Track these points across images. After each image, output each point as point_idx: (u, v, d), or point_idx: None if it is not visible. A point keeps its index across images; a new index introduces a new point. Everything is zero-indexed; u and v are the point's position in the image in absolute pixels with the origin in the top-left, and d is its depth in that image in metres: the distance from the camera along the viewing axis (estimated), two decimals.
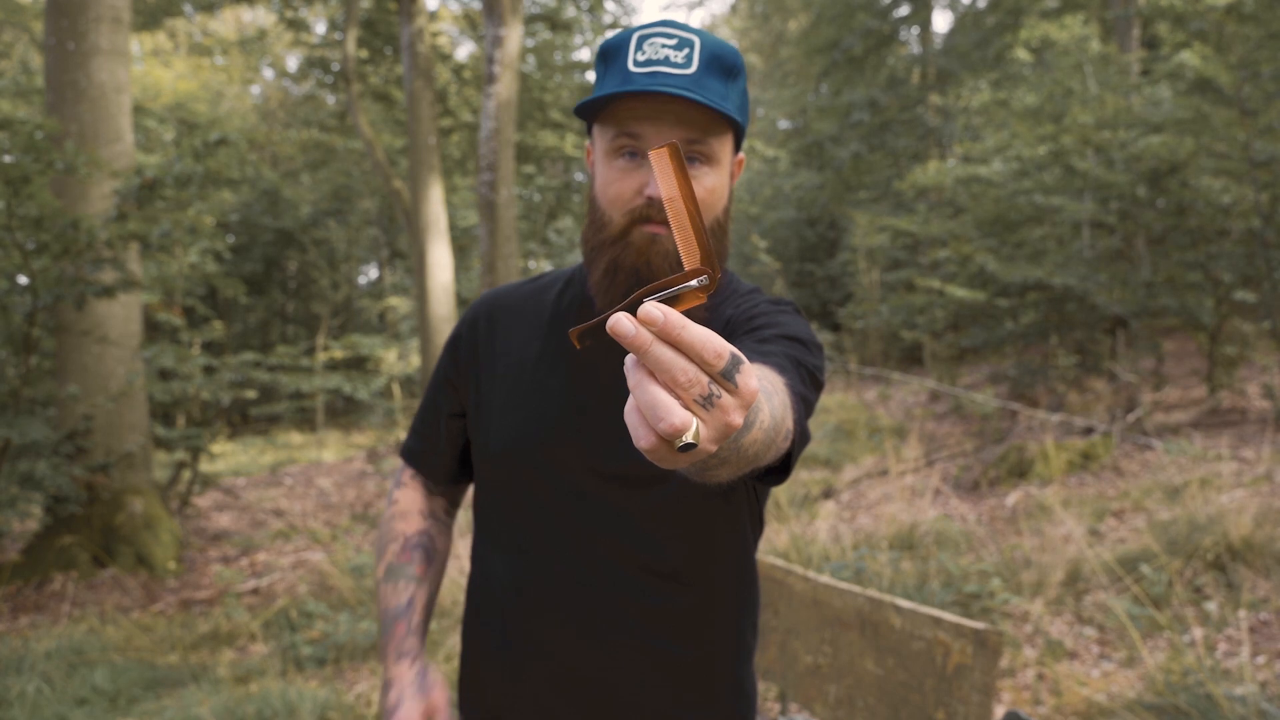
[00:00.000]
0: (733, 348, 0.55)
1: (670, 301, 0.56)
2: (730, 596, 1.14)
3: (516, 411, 1.14)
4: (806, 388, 0.98)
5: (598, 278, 1.10)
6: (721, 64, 1.04)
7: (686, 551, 1.10)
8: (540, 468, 1.12)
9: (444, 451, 1.27)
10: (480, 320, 1.23)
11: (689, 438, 0.52)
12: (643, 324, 0.52)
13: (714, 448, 0.56)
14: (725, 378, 0.54)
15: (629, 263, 1.06)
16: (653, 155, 0.58)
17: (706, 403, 0.53)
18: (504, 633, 1.13)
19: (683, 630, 1.10)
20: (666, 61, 1.01)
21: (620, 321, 0.52)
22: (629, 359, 0.54)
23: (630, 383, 0.54)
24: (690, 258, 0.57)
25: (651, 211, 1.05)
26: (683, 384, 0.52)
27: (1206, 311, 7.23)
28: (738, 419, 0.55)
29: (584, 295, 1.18)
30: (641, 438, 0.53)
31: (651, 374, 0.53)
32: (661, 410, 0.51)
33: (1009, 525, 5.05)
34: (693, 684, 1.10)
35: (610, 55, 1.06)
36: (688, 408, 0.53)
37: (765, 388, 0.73)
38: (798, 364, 0.99)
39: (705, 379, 0.53)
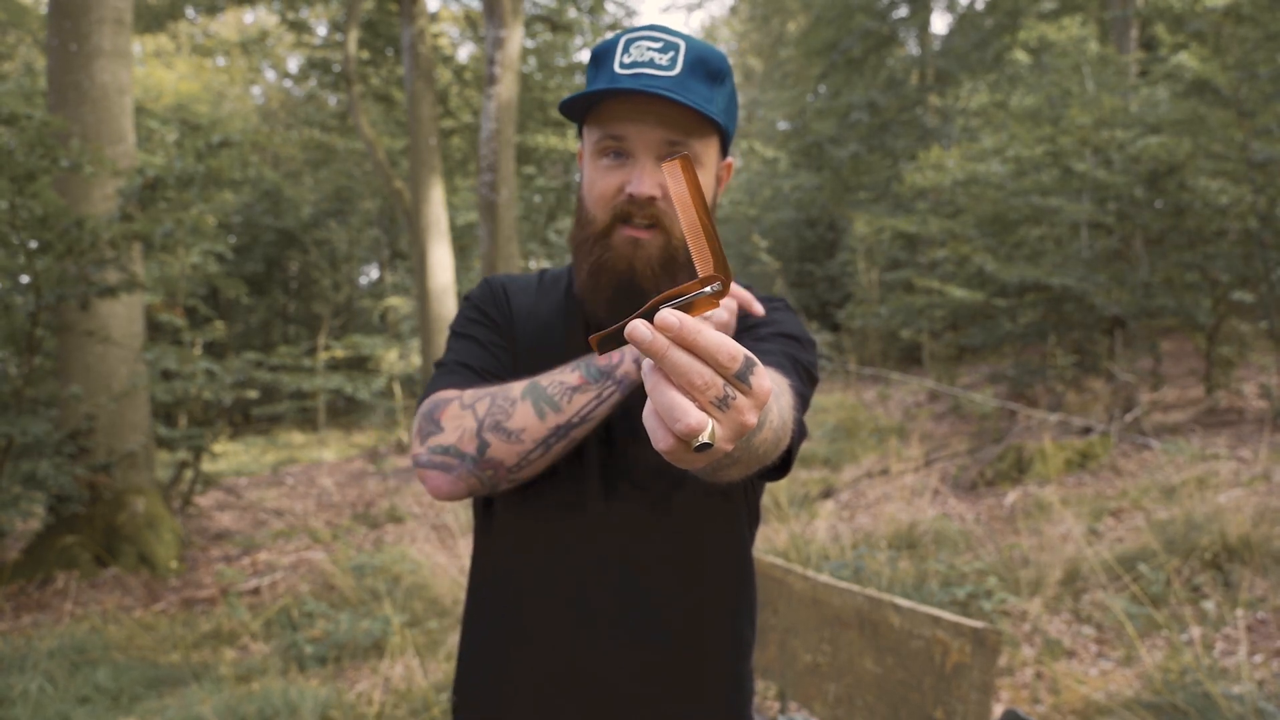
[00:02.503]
0: (746, 351, 0.57)
1: (685, 308, 0.58)
2: (728, 593, 1.15)
3: None
4: (804, 384, 1.01)
5: (584, 279, 1.12)
6: (706, 67, 1.05)
7: (685, 548, 1.11)
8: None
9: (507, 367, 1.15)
10: (502, 291, 1.22)
11: (705, 438, 0.54)
12: (659, 330, 0.54)
13: (730, 447, 0.58)
14: (740, 380, 0.57)
15: (612, 265, 1.07)
16: (666, 167, 0.60)
17: (722, 404, 0.56)
18: (504, 629, 1.13)
19: (681, 626, 1.11)
20: (651, 64, 1.03)
21: (638, 328, 0.54)
22: (646, 363, 0.56)
23: (648, 386, 0.56)
24: (704, 265, 0.59)
25: (632, 209, 1.06)
26: (699, 386, 0.55)
27: (1204, 312, 7.25)
28: (752, 419, 0.58)
29: (575, 297, 1.18)
30: (660, 439, 0.56)
31: (668, 378, 0.55)
32: (678, 412, 0.54)
33: (1007, 525, 5.06)
34: (691, 679, 1.11)
35: (599, 59, 1.08)
36: (704, 409, 0.55)
37: (774, 388, 0.75)
38: (794, 361, 1.02)
39: (720, 381, 0.55)
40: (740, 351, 0.56)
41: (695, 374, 0.54)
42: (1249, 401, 7.03)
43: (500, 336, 1.16)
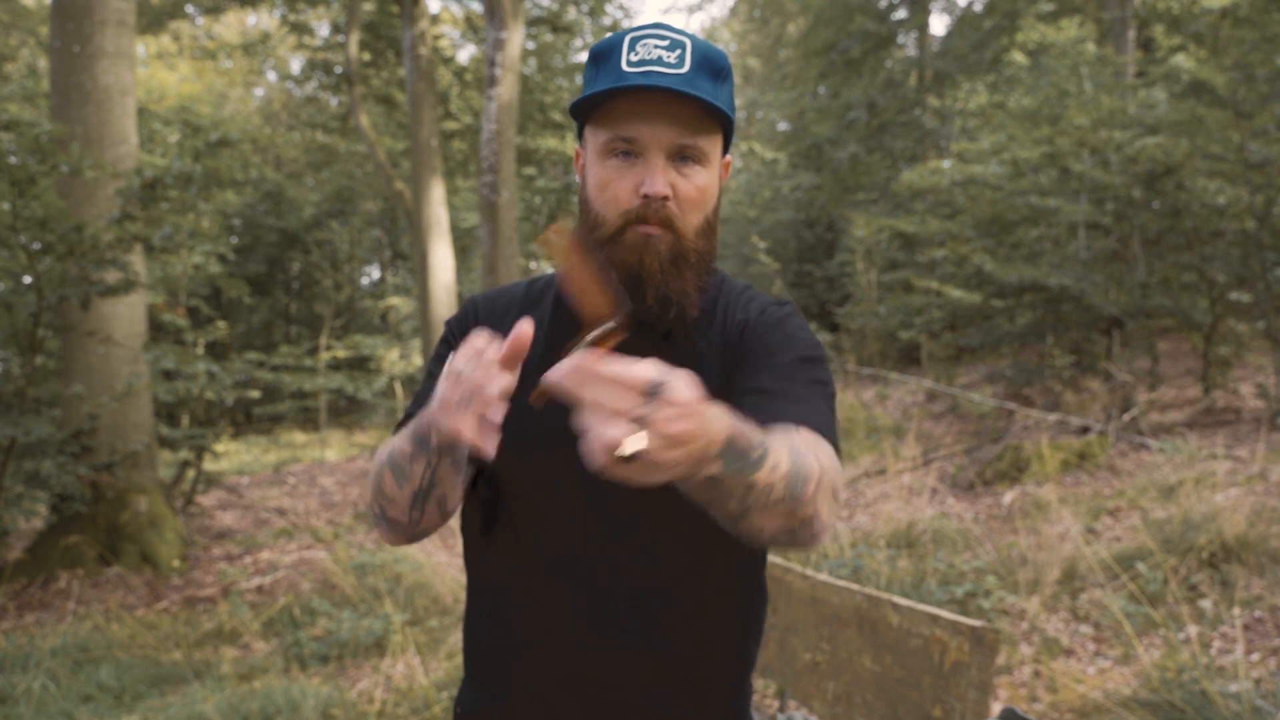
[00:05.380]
0: (653, 374, 0.68)
1: (598, 341, 0.75)
2: (734, 599, 1.15)
3: (523, 414, 1.12)
4: (830, 408, 1.05)
5: None
6: (712, 65, 1.06)
7: (690, 555, 1.11)
8: (544, 471, 1.11)
9: None
10: (473, 314, 1.20)
11: (628, 450, 0.65)
12: (570, 374, 0.67)
13: (673, 454, 0.68)
14: (653, 395, 0.67)
15: (622, 260, 1.06)
16: (538, 242, 0.80)
17: (642, 420, 0.67)
18: (506, 633, 1.13)
19: (685, 632, 1.10)
20: (660, 61, 1.03)
21: (548, 377, 0.68)
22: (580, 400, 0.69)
23: (580, 420, 0.68)
24: (603, 310, 0.75)
25: (648, 212, 1.05)
26: (618, 409, 0.66)
27: (1201, 312, 7.27)
28: (682, 426, 0.68)
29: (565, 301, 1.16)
30: (594, 458, 0.66)
31: (593, 409, 0.67)
32: (596, 430, 0.66)
33: (1005, 524, 5.09)
34: (694, 686, 1.11)
35: (601, 57, 1.07)
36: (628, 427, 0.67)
37: (795, 445, 0.87)
38: (819, 385, 1.05)
39: (634, 401, 0.67)
40: (645, 375, 0.67)
41: (610, 400, 0.66)
42: (1246, 401, 7.05)
43: None
